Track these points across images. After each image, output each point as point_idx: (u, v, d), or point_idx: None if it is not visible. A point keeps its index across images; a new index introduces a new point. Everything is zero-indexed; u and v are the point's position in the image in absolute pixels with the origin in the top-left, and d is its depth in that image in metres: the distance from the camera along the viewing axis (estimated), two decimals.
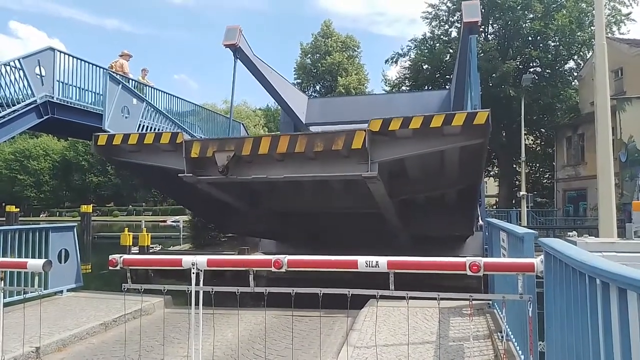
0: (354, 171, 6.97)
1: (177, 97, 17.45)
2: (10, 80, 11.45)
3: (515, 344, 4.46)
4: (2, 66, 11.34)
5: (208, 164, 7.58)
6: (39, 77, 12.06)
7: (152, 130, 13.35)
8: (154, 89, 16.16)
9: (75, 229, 8.14)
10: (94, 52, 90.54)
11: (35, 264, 4.25)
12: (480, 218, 13.41)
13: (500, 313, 5.45)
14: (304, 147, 6.96)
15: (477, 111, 6.66)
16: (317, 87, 54.10)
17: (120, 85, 13.26)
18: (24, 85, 11.70)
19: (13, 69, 11.50)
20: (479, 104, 10.68)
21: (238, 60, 13.88)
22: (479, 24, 14.32)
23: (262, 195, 9.86)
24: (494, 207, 36.22)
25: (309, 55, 54.14)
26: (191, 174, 7.52)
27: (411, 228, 10.42)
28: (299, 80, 52.18)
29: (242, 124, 24.53)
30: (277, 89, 15.88)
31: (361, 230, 12.18)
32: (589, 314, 2.28)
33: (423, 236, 11.63)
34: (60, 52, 12.81)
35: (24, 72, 11.62)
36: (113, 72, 14.41)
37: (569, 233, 8.88)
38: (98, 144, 8.16)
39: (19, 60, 11.58)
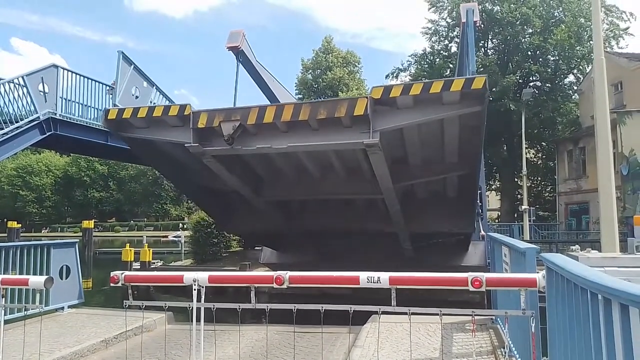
0: (356, 139, 7.03)
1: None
2: (14, 97, 11.56)
3: None
4: (6, 83, 11.46)
5: (214, 136, 7.67)
6: (42, 93, 12.18)
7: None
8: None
9: (76, 245, 8.14)
10: (96, 68, 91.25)
11: (36, 281, 4.25)
12: (482, 229, 13.40)
13: (503, 329, 5.41)
14: (307, 115, 7.01)
15: (474, 76, 6.83)
16: None
17: (132, 67, 13.41)
18: (27, 102, 11.81)
19: (17, 86, 11.62)
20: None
21: (240, 65, 14.03)
22: (478, 25, 14.97)
23: (265, 181, 9.82)
24: (496, 221, 36.09)
25: (310, 70, 54.55)
26: (197, 144, 7.59)
27: (412, 225, 10.38)
28: (300, 96, 52.47)
29: None
30: (277, 96, 15.95)
31: (363, 234, 12.18)
32: (592, 330, 2.27)
33: (424, 236, 11.65)
34: (64, 69, 12.95)
35: (27, 89, 11.75)
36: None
37: (571, 247, 8.84)
38: (108, 117, 8.20)
39: (22, 77, 11.71)
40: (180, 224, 72.53)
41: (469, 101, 6.66)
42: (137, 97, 13.56)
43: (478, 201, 10.86)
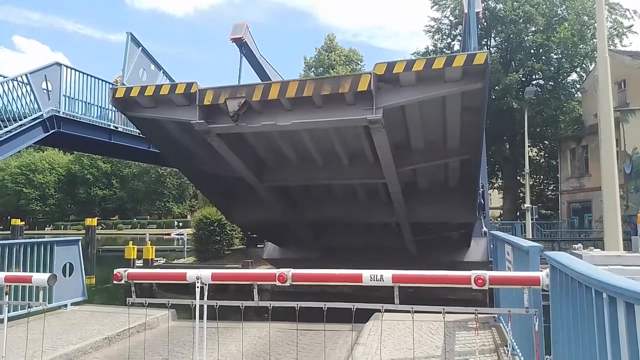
0: (359, 115, 7.08)
1: None
2: (18, 95, 11.58)
3: (522, 358, 4.41)
4: (10, 81, 11.48)
5: (219, 114, 7.73)
6: (45, 91, 12.20)
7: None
8: None
9: (79, 243, 8.14)
10: (98, 66, 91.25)
11: (40, 278, 4.26)
12: (484, 225, 13.41)
13: (506, 327, 5.40)
14: (312, 91, 7.06)
15: (476, 52, 6.91)
16: None
17: (140, 48, 13.44)
18: (31, 100, 11.82)
19: (20, 84, 11.64)
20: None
21: (243, 57, 14.02)
22: (481, 15, 15.55)
23: (268, 166, 9.83)
24: (499, 219, 36.05)
25: (313, 69, 54.47)
26: (203, 121, 7.65)
27: (414, 214, 10.38)
28: None
29: None
30: None
31: (366, 226, 12.20)
32: (596, 328, 2.26)
33: (426, 229, 11.70)
34: (67, 67, 12.96)
35: (31, 87, 11.77)
36: (119, 86, 14.57)
37: (574, 245, 8.81)
38: (116, 96, 8.24)
39: (26, 75, 11.73)
40: (176, 222, 73.01)
41: (470, 78, 6.75)
42: (144, 80, 13.54)
43: (479, 191, 10.91)
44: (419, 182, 10.21)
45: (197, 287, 3.89)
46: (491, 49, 34.70)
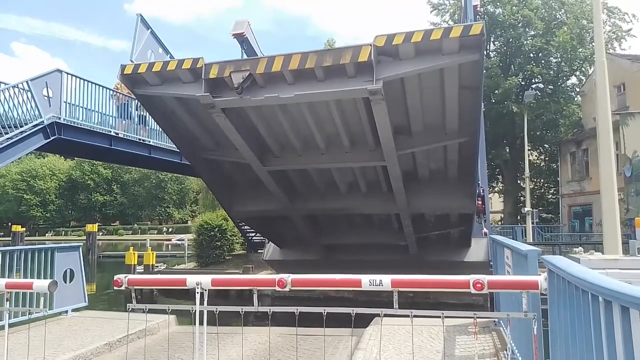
0: (360, 86, 7.28)
1: None
2: (19, 102, 11.63)
3: None
4: (11, 88, 11.52)
5: (225, 89, 7.92)
6: (46, 98, 12.24)
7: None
8: None
9: (80, 249, 8.16)
10: (98, 73, 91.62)
11: (40, 284, 4.27)
12: (484, 226, 13.43)
13: (505, 331, 5.40)
14: (314, 63, 7.26)
15: (472, 23, 7.12)
16: None
17: (150, 31, 13.47)
18: (31, 107, 11.86)
19: (21, 90, 11.68)
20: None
21: (244, 53, 14.10)
22: (479, 8, 16.47)
23: (271, 149, 9.92)
24: (499, 223, 36.02)
25: None
26: (208, 94, 7.85)
27: (414, 203, 10.47)
28: None
29: None
30: None
31: (366, 223, 12.22)
32: (593, 332, 2.27)
33: (427, 223, 11.80)
34: (68, 74, 13.02)
35: (31, 93, 11.81)
36: (120, 93, 14.62)
37: (574, 249, 8.83)
38: (125, 73, 8.38)
39: (27, 82, 11.77)
40: (165, 228, 73.10)
41: (467, 50, 6.93)
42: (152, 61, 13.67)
43: (478, 181, 11.01)
44: (419, 171, 10.30)
45: (197, 292, 3.90)
46: (490, 53, 34.80)
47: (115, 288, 4.21)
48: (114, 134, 14.37)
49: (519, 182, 35.28)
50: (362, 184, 10.76)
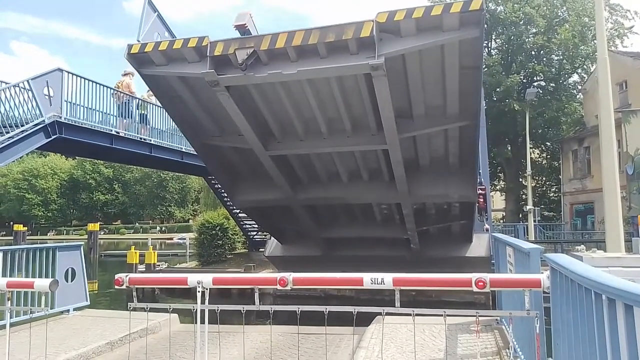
0: (362, 61, 7.39)
1: None
2: (20, 101, 11.62)
3: None
4: (12, 87, 11.52)
5: (229, 67, 8.04)
6: (47, 97, 12.22)
7: None
8: (158, 106, 16.31)
9: (81, 248, 8.16)
10: (98, 71, 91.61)
11: (42, 284, 4.27)
12: (486, 223, 13.40)
13: (508, 329, 5.39)
14: (317, 39, 7.37)
15: None
16: None
17: (157, 14, 13.43)
18: (32, 106, 11.85)
19: (22, 89, 11.67)
20: None
21: None
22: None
23: (274, 133, 9.98)
24: (501, 221, 35.98)
25: None
26: (212, 70, 7.97)
27: (415, 191, 10.48)
28: None
29: None
30: None
31: (367, 217, 12.23)
32: (596, 330, 2.26)
33: (428, 215, 11.81)
34: (69, 72, 13.00)
35: (32, 93, 11.79)
36: (120, 92, 14.60)
37: (576, 247, 8.80)
38: (131, 52, 8.48)
39: (28, 81, 11.76)
40: (159, 227, 73.18)
41: (467, 26, 7.01)
42: None
43: (479, 169, 11.08)
44: (420, 158, 10.31)
45: (199, 291, 3.90)
46: (492, 50, 34.73)
47: (116, 287, 4.21)
48: (115, 133, 14.35)
49: (520, 180, 35.22)
50: (364, 172, 10.77)
